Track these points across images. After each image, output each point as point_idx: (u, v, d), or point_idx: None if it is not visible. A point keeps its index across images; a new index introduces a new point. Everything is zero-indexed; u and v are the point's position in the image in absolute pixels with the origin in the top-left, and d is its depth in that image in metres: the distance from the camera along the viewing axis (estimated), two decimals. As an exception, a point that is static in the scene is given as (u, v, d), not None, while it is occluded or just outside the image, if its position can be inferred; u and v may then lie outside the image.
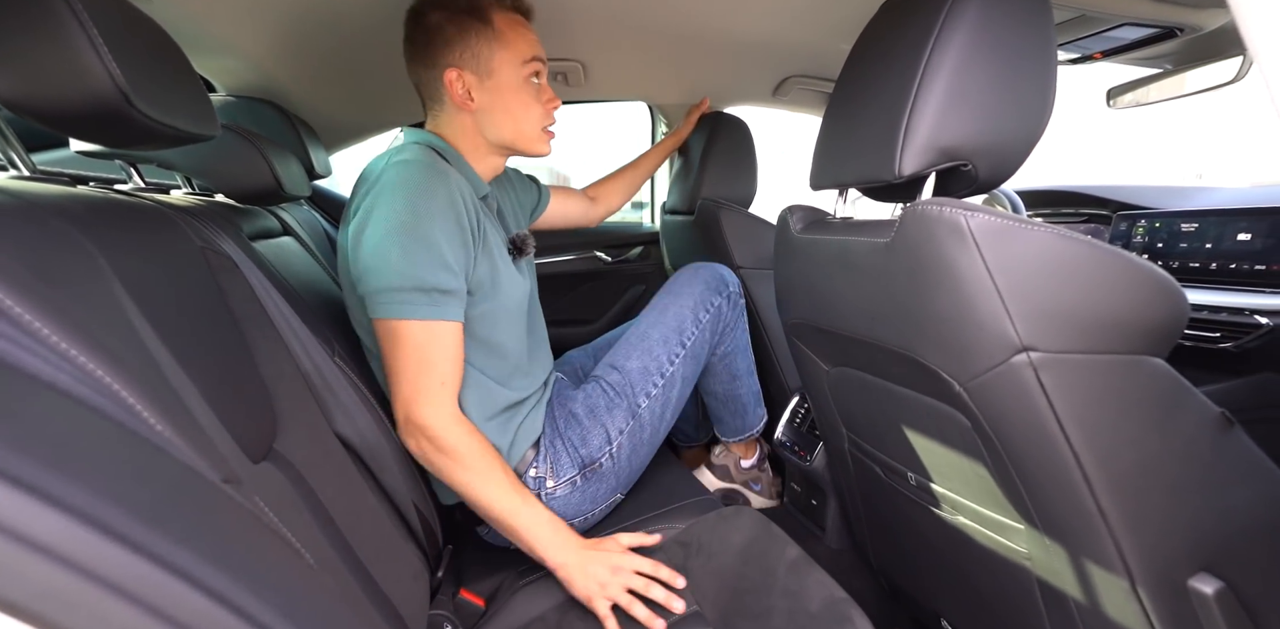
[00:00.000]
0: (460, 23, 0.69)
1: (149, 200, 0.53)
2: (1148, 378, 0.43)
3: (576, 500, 0.77)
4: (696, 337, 0.87)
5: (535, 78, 0.75)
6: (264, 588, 0.24)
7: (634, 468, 0.82)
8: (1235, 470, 0.44)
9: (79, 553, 0.20)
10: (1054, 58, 0.52)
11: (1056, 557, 0.50)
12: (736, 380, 0.99)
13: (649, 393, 0.83)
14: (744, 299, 0.97)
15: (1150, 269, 0.43)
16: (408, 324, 0.62)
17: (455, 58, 0.70)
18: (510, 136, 0.75)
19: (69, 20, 0.38)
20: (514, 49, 0.71)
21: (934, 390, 0.56)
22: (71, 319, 0.29)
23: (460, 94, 0.71)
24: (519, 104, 0.74)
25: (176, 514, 0.24)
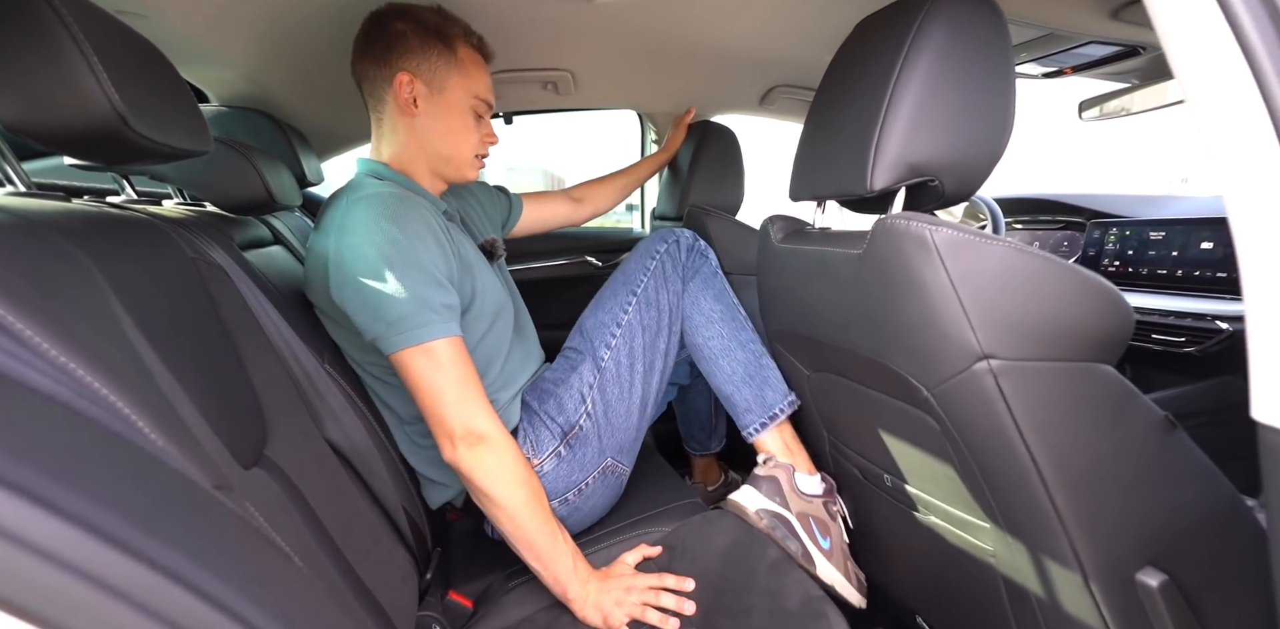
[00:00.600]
0: (425, 38, 0.71)
1: (142, 213, 0.54)
2: (1098, 384, 0.46)
3: (565, 471, 0.78)
4: (646, 284, 0.86)
5: (479, 116, 0.77)
6: (254, 589, 0.26)
7: (617, 426, 0.81)
8: (1178, 470, 0.47)
9: (78, 557, 0.21)
10: (1013, 79, 0.55)
11: (1018, 553, 0.52)
12: (715, 325, 0.88)
13: (608, 344, 0.84)
14: (705, 247, 0.92)
15: (1099, 282, 0.46)
16: (435, 345, 0.62)
17: (412, 65, 0.71)
18: (446, 152, 0.76)
19: (68, 45, 0.39)
20: (470, 79, 0.74)
21: (905, 395, 0.58)
22: (69, 333, 0.30)
23: (406, 98, 0.72)
24: (461, 126, 0.76)
25: (170, 519, 0.26)
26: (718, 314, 0.88)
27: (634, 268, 0.89)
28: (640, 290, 0.86)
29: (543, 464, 0.77)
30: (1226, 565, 0.47)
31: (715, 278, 0.91)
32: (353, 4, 0.81)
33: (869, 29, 0.63)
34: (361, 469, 0.67)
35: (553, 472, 0.77)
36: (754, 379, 0.86)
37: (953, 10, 0.53)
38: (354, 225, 0.63)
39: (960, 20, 0.53)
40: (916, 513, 0.68)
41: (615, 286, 0.89)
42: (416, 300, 0.61)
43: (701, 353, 0.89)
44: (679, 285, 0.88)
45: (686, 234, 0.92)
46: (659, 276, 0.87)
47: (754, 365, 0.87)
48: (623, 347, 0.83)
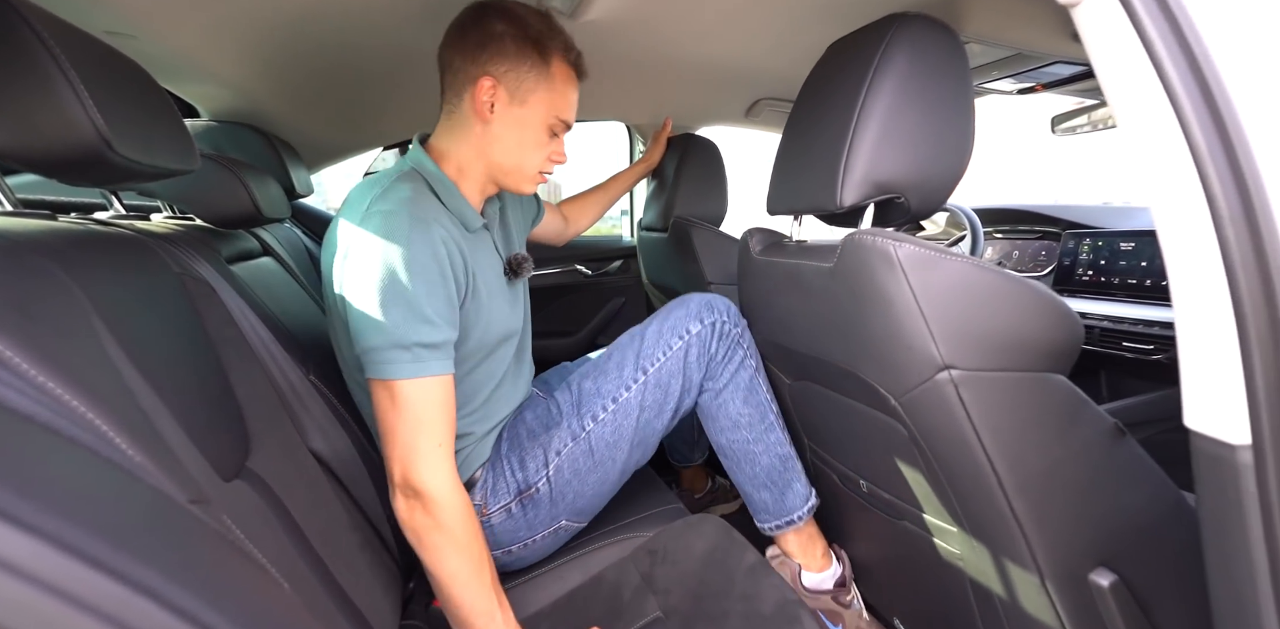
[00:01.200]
0: (522, 46, 0.67)
1: (128, 229, 0.55)
2: (1051, 393, 0.48)
3: (512, 527, 0.75)
4: (663, 365, 0.79)
5: (553, 134, 0.73)
6: (226, 603, 0.27)
7: (580, 495, 0.77)
8: (1127, 475, 0.49)
9: (47, 571, 0.21)
10: (971, 101, 0.58)
11: (982, 556, 0.54)
12: (741, 430, 0.83)
13: (595, 416, 0.77)
14: (743, 331, 0.83)
15: (1050, 297, 0.48)
16: (395, 384, 0.60)
17: (500, 71, 0.67)
18: (510, 165, 0.72)
19: (53, 70, 0.40)
20: (556, 96, 0.70)
21: (876, 403, 0.60)
22: (49, 353, 0.31)
23: (484, 102, 0.68)
24: (532, 141, 0.71)
25: (143, 535, 0.26)
26: (745, 419, 0.82)
27: (656, 339, 0.80)
28: (654, 369, 0.79)
29: (491, 516, 0.74)
30: (1173, 566, 0.49)
31: (746, 370, 0.82)
32: (345, 20, 0.83)
33: (839, 51, 0.66)
34: (345, 479, 0.67)
35: (500, 525, 0.74)
36: (776, 484, 0.83)
37: (914, 35, 0.56)
38: (364, 241, 0.60)
39: (921, 45, 0.56)
40: (891, 518, 0.69)
41: (627, 353, 0.80)
42: (391, 336, 0.59)
43: (723, 451, 0.86)
44: (699, 375, 0.80)
45: (724, 311, 0.82)
46: (680, 360, 0.79)
47: (777, 469, 0.83)
48: (610, 423, 0.77)
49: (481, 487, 0.75)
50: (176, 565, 0.25)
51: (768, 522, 0.84)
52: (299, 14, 0.78)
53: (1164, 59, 0.36)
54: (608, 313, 1.82)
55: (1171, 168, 0.36)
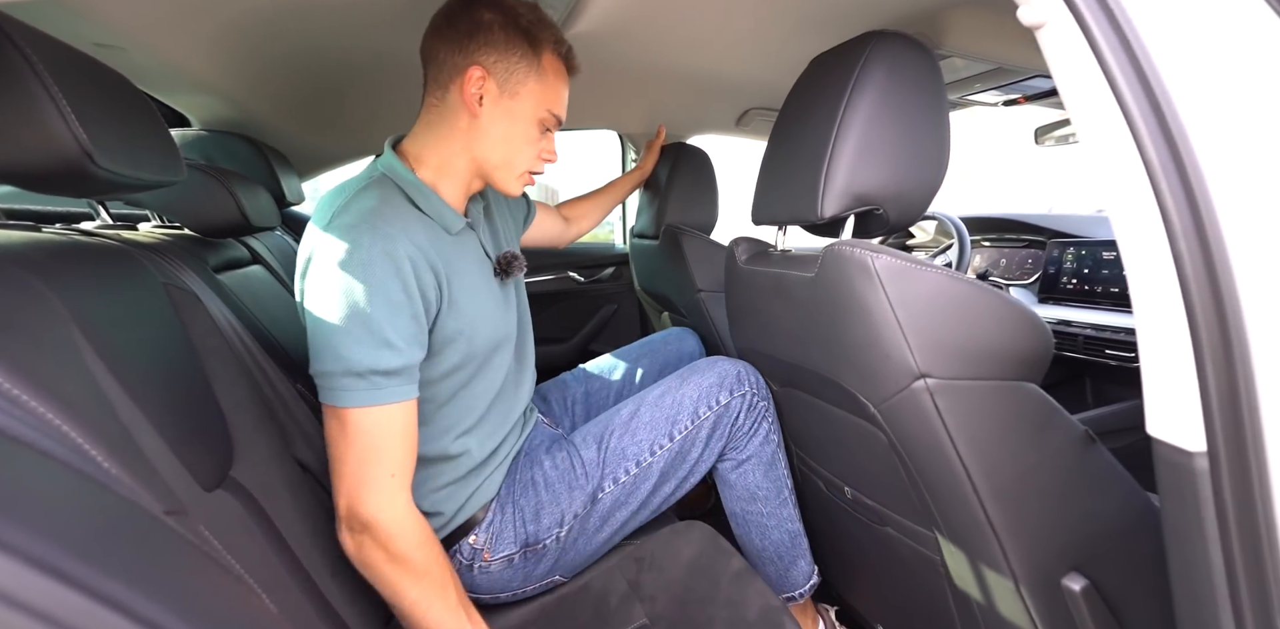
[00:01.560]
0: (511, 36, 0.64)
1: (113, 239, 0.56)
2: (1024, 401, 0.49)
3: (508, 577, 0.72)
4: (690, 432, 0.78)
5: (544, 130, 0.71)
6: (197, 614, 0.27)
7: (580, 554, 0.75)
8: (1097, 481, 0.50)
9: (11, 585, 0.22)
10: (946, 116, 0.59)
11: (960, 561, 0.55)
12: (757, 503, 0.83)
13: (617, 479, 0.75)
14: (769, 404, 0.83)
15: (1021, 307, 0.49)
16: (346, 411, 0.56)
17: (489, 61, 0.64)
18: (496, 161, 0.69)
19: (34, 85, 0.40)
20: (547, 89, 0.68)
21: (856, 411, 0.61)
22: (23, 365, 0.32)
23: (472, 93, 0.64)
24: (521, 137, 0.68)
25: (111, 547, 0.26)
26: (762, 492, 0.82)
27: (685, 403, 0.79)
28: (680, 437, 0.78)
29: (492, 563, 0.71)
30: (1142, 571, 0.50)
31: (769, 445, 0.82)
32: (334, 31, 0.84)
33: (820, 66, 0.67)
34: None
35: (498, 572, 0.72)
36: (782, 558, 0.84)
37: (891, 52, 0.58)
38: (323, 257, 0.57)
39: (898, 61, 0.57)
40: (874, 524, 0.70)
41: (656, 413, 0.79)
42: (346, 361, 0.55)
43: (735, 519, 0.86)
44: (721, 445, 0.80)
45: (754, 384, 0.81)
46: (707, 427, 0.79)
47: (786, 545, 0.83)
48: (628, 485, 0.76)
49: (487, 528, 0.71)
50: (144, 576, 0.26)
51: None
52: (290, 25, 0.79)
53: (1119, 80, 0.37)
54: (600, 319, 1.83)
55: (1128, 183, 0.38)
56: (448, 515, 0.70)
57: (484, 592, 0.72)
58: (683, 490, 0.80)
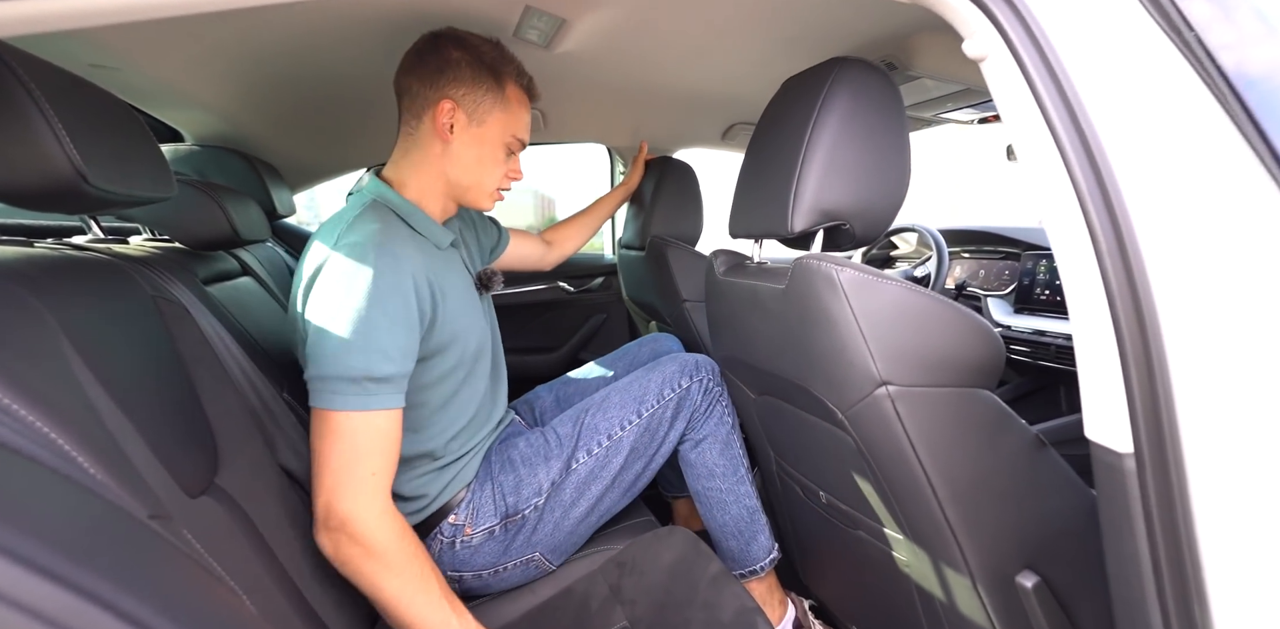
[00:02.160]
0: (478, 71, 0.72)
1: (104, 253, 0.57)
2: (979, 407, 0.52)
3: (489, 550, 0.76)
4: (656, 411, 0.86)
5: (510, 152, 0.78)
6: (179, 612, 0.28)
7: (559, 529, 0.79)
8: (1048, 483, 0.53)
9: (5, 585, 0.23)
10: (907, 137, 0.63)
11: (924, 562, 0.57)
12: (715, 479, 0.90)
13: (590, 450, 0.82)
14: (723, 390, 0.92)
15: (974, 318, 0.52)
16: (336, 414, 0.59)
17: (459, 94, 0.71)
18: (468, 182, 0.76)
19: (31, 109, 0.42)
20: (511, 118, 0.75)
21: (826, 416, 0.63)
22: (13, 375, 0.33)
23: (444, 123, 0.71)
24: (489, 159, 0.76)
25: (97, 547, 0.28)
26: (720, 468, 0.90)
27: (650, 386, 0.88)
28: (648, 414, 0.85)
29: (474, 536, 0.75)
30: (1089, 566, 0.52)
31: (724, 425, 0.91)
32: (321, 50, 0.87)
33: (790, 89, 0.70)
34: (317, 495, 0.69)
35: (480, 546, 0.76)
36: (742, 534, 0.90)
37: (854, 77, 0.61)
38: (331, 271, 0.61)
39: (860, 86, 0.61)
40: (847, 528, 0.72)
41: (625, 395, 0.87)
42: (341, 366, 0.59)
43: (699, 498, 0.93)
44: (683, 426, 0.89)
45: (710, 371, 0.91)
46: (671, 408, 0.87)
47: (745, 520, 0.90)
48: (600, 457, 0.82)
49: (468, 506, 0.76)
50: (130, 576, 0.27)
51: (734, 569, 0.92)
52: (279, 45, 0.81)
53: (1049, 107, 0.41)
54: (589, 329, 1.85)
55: (1060, 203, 0.41)
56: (431, 496, 0.75)
57: (466, 568, 0.76)
58: (651, 470, 0.87)
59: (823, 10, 0.80)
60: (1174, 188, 0.39)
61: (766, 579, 0.92)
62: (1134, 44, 0.41)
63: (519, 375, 1.72)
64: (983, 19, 0.44)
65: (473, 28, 0.80)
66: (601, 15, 0.83)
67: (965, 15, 0.45)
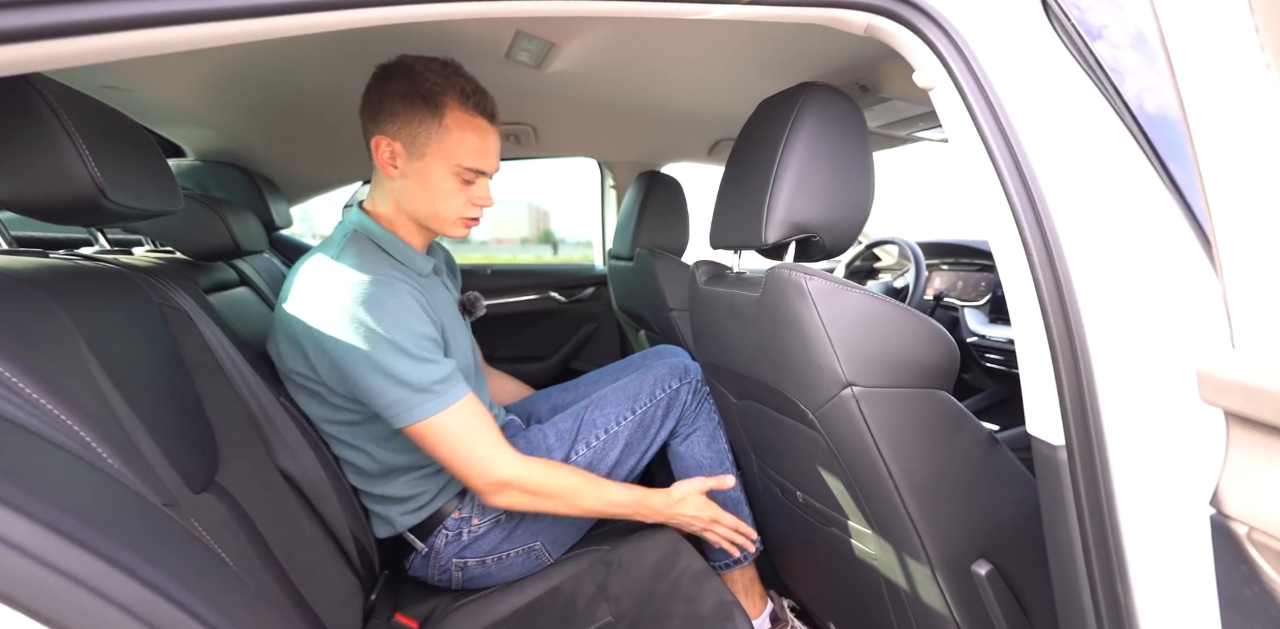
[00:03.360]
0: (410, 103, 0.71)
1: (113, 264, 0.60)
2: (936, 407, 0.55)
3: (496, 537, 0.81)
4: (648, 409, 0.92)
5: (467, 180, 0.75)
6: (195, 583, 0.32)
7: (557, 519, 0.84)
8: (1000, 478, 0.57)
9: (41, 549, 0.27)
10: (870, 159, 0.68)
11: (889, 554, 0.60)
12: (702, 471, 0.95)
13: (589, 443, 0.88)
14: (708, 391, 0.98)
15: (930, 324, 0.56)
16: (431, 423, 0.67)
17: (392, 130, 0.72)
18: (425, 212, 0.76)
19: (59, 132, 0.46)
20: (452, 147, 0.72)
21: (799, 417, 0.67)
22: (41, 373, 0.37)
23: (385, 160, 0.73)
24: (440, 189, 0.74)
25: (122, 523, 0.31)
26: (706, 461, 0.96)
27: (644, 386, 0.93)
28: (641, 411, 0.91)
29: (480, 525, 0.80)
30: (1038, 555, 0.56)
31: (710, 422, 0.98)
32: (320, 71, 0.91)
33: (764, 110, 0.75)
34: (313, 497, 0.71)
35: (485, 533, 0.80)
36: None
37: (821, 102, 0.66)
38: (339, 313, 0.65)
39: (827, 110, 0.66)
40: (822, 526, 0.75)
41: (621, 394, 0.93)
42: (406, 386, 0.66)
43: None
44: (673, 423, 0.95)
45: (697, 373, 0.97)
46: (662, 407, 0.93)
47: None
48: (598, 449, 0.88)
49: (470, 499, 0.82)
50: (150, 549, 0.31)
51: (718, 560, 0.96)
52: (277, 66, 0.86)
53: (985, 130, 0.45)
54: (580, 337, 1.88)
55: (999, 221, 0.45)
56: (424, 499, 0.80)
57: (471, 555, 0.80)
58: (642, 464, 0.94)
59: (797, 38, 0.86)
60: (1094, 208, 0.44)
61: (748, 571, 0.96)
62: (1054, 73, 0.46)
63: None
64: (928, 52, 0.49)
65: (466, 51, 0.85)
66: (588, 39, 0.88)
67: (913, 48, 0.50)
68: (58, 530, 0.27)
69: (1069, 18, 0.47)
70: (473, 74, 0.91)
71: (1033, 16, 0.47)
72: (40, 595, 0.27)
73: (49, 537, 0.27)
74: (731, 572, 0.95)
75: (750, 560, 0.96)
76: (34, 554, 0.27)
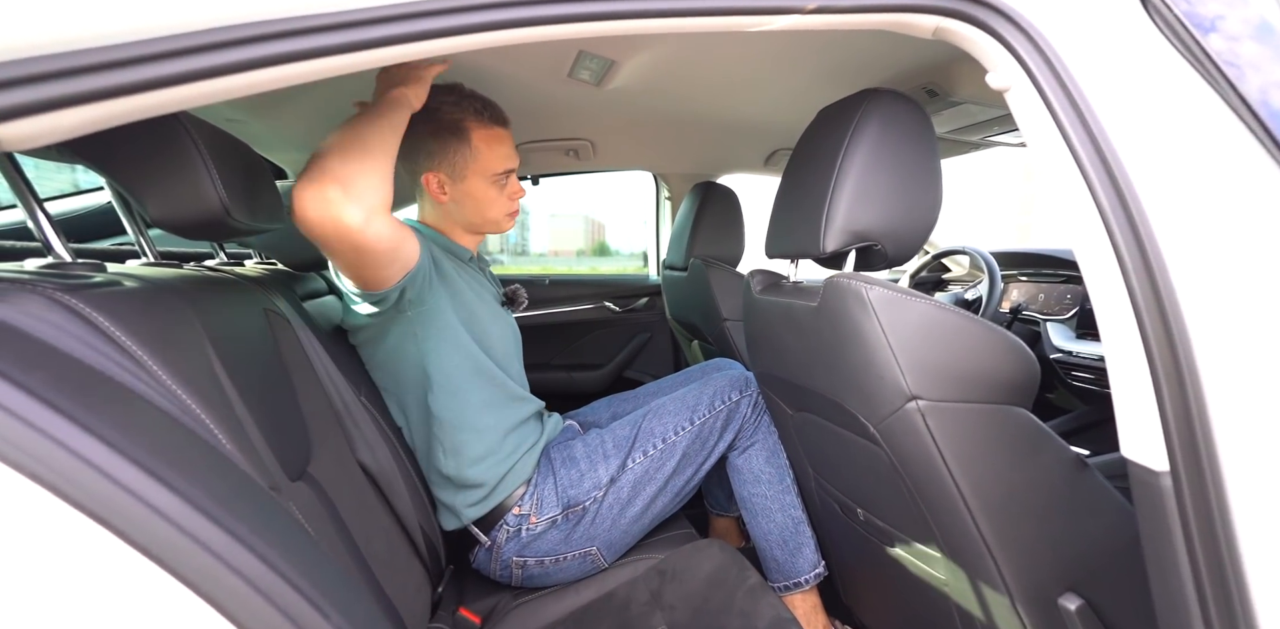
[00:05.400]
0: (440, 137, 0.81)
1: (231, 274, 0.68)
2: (1011, 423, 0.52)
3: (552, 539, 0.83)
4: (707, 419, 0.91)
5: (502, 183, 0.87)
6: (296, 558, 0.35)
7: (615, 526, 0.86)
8: (1088, 504, 0.52)
9: (180, 518, 0.31)
10: (938, 164, 0.65)
11: (962, 580, 0.57)
12: (761, 485, 0.95)
13: (646, 451, 0.88)
14: (766, 406, 0.96)
15: (1005, 335, 0.53)
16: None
17: (434, 165, 0.83)
18: (479, 221, 0.89)
19: (197, 161, 0.53)
20: (485, 161, 0.84)
21: (859, 431, 0.65)
22: (178, 368, 0.42)
23: (435, 190, 0.85)
24: (485, 198, 0.86)
25: (238, 501, 0.35)
26: (765, 475, 0.95)
27: (703, 397, 0.94)
28: (700, 422, 0.91)
29: (538, 524, 0.83)
30: (1137, 590, 0.51)
31: (770, 436, 0.96)
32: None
33: (824, 117, 0.75)
34: (386, 490, 0.76)
35: (543, 534, 0.83)
36: (787, 544, 0.93)
37: (884, 108, 0.65)
38: None
39: (890, 116, 0.64)
40: (885, 546, 0.72)
41: (680, 404, 0.93)
42: None
43: (744, 504, 0.96)
44: (732, 436, 0.94)
45: (757, 387, 0.96)
46: (721, 418, 0.92)
47: (790, 531, 0.93)
48: (655, 459, 0.88)
49: (530, 497, 0.85)
50: (262, 526, 0.34)
51: (777, 581, 0.93)
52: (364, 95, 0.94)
53: (1071, 135, 0.43)
54: (634, 347, 1.90)
55: (1085, 223, 0.43)
56: (489, 487, 0.84)
57: (530, 554, 0.83)
58: (699, 477, 0.92)
59: (862, 44, 0.84)
60: (1197, 207, 0.41)
61: (810, 596, 0.93)
62: (1153, 69, 0.43)
63: (566, 392, 1.79)
64: (1003, 52, 0.47)
65: (530, 71, 0.92)
66: (648, 55, 0.91)
67: (986, 49, 0.48)
68: (195, 504, 0.32)
69: (1172, 10, 0.44)
70: (534, 92, 0.97)
71: (1126, 9, 0.45)
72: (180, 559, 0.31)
73: (186, 507, 0.31)
74: (791, 596, 0.92)
75: (813, 585, 0.92)
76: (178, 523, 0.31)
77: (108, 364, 0.37)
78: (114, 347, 0.38)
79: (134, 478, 0.31)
